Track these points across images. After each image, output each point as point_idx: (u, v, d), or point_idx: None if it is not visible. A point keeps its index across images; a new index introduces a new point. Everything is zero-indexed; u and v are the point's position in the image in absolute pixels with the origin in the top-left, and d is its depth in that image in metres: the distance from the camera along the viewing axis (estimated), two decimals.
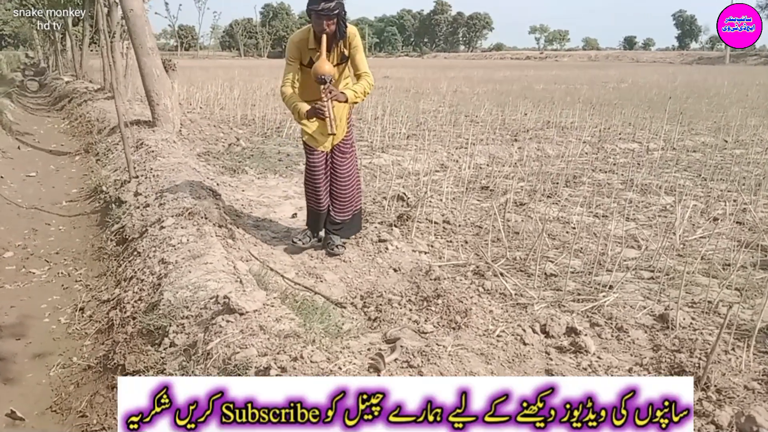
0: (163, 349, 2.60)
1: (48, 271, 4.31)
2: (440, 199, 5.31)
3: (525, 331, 2.87)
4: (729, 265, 3.78)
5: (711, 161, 7.37)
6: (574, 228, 4.61)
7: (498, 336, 2.85)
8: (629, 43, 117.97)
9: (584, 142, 8.42)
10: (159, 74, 8.05)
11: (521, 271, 3.74)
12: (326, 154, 3.90)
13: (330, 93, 3.52)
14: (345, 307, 3.19)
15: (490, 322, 2.99)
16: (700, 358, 2.55)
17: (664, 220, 4.84)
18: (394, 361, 2.43)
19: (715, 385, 2.35)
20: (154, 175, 5.53)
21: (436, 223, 4.60)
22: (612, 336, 2.89)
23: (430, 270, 3.57)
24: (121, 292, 3.52)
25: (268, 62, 44.29)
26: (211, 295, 2.76)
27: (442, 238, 4.37)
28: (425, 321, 2.95)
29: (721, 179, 6.35)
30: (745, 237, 4.32)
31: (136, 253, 3.92)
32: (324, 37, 3.53)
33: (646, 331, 2.93)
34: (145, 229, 4.21)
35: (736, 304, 3.14)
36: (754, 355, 2.63)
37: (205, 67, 28.86)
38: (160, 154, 6.42)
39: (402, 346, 2.53)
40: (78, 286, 4.04)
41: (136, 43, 7.99)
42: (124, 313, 3.19)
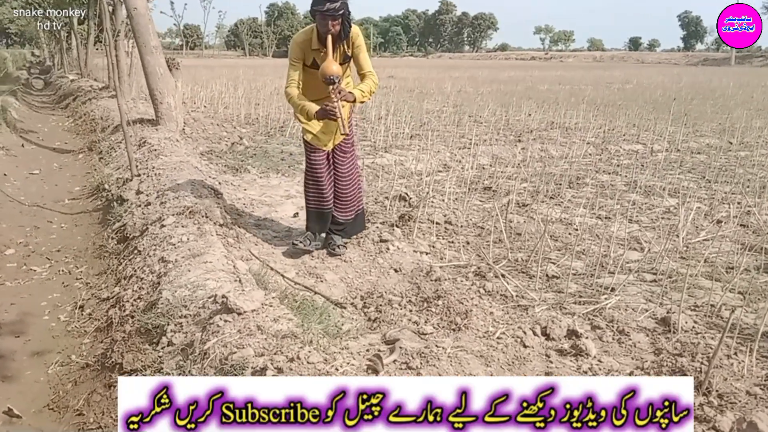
0: (161, 348, 2.59)
1: (49, 269, 4.31)
2: (442, 200, 5.29)
3: (525, 333, 2.84)
4: (732, 269, 3.75)
5: (715, 163, 7.32)
6: (576, 229, 4.59)
7: (498, 338, 2.82)
8: (634, 44, 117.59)
9: (588, 143, 8.39)
10: (162, 73, 8.06)
11: (523, 273, 3.72)
12: (327, 154, 3.88)
13: (339, 93, 3.51)
14: (345, 308, 3.18)
15: (490, 324, 2.97)
16: (701, 363, 2.53)
17: (668, 223, 4.81)
18: (393, 362, 2.41)
19: (717, 390, 2.33)
20: (156, 174, 5.53)
21: (438, 224, 4.58)
22: (613, 339, 2.87)
23: (431, 271, 3.55)
24: (120, 291, 3.51)
25: (273, 62, 44.33)
26: (210, 294, 2.75)
27: (443, 239, 4.35)
28: (425, 322, 2.93)
29: (726, 181, 6.31)
30: (749, 240, 4.29)
31: (136, 252, 3.92)
32: (329, 38, 3.51)
33: (647, 335, 2.91)
34: (145, 228, 4.20)
35: (739, 308, 3.11)
36: (756, 360, 2.60)
37: (210, 66, 28.89)
38: (163, 153, 6.42)
39: (401, 348, 2.51)
40: (78, 284, 4.04)
41: (139, 42, 8.00)
42: (123, 311, 3.18)
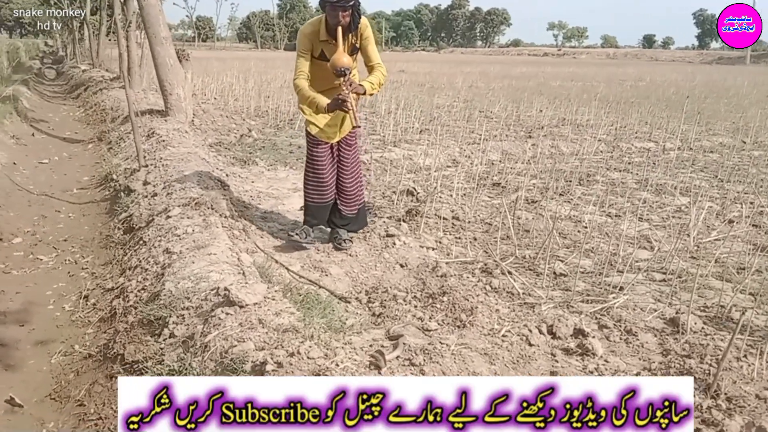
0: (163, 340, 2.57)
1: (55, 258, 4.32)
2: (450, 195, 5.25)
3: (531, 331, 2.81)
4: (743, 269, 3.69)
5: (728, 162, 7.23)
6: (585, 227, 4.54)
7: (503, 336, 2.79)
8: (648, 42, 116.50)
9: (599, 140, 8.31)
10: (172, 64, 8.06)
11: (530, 270, 3.68)
12: (331, 147, 3.84)
13: (351, 85, 3.47)
14: (349, 302, 3.15)
15: (495, 322, 2.93)
16: (710, 365, 2.48)
17: (678, 222, 4.74)
18: (396, 358, 2.38)
19: (726, 393, 2.28)
20: (163, 165, 5.52)
21: (446, 219, 4.54)
22: (620, 339, 2.82)
23: (437, 266, 3.51)
24: (125, 281, 3.51)
25: (285, 54, 44.28)
26: (213, 286, 2.73)
27: (450, 235, 4.31)
28: (430, 318, 2.90)
29: (738, 181, 6.22)
30: (761, 240, 4.21)
31: (141, 242, 3.91)
32: (339, 29, 3.48)
33: (655, 335, 2.86)
34: (151, 219, 4.20)
35: (750, 309, 3.05)
36: (767, 363, 2.55)
37: (222, 59, 28.90)
38: (171, 144, 6.41)
39: (404, 344, 2.48)
40: (84, 274, 4.04)
41: (149, 33, 8.01)
42: (127, 302, 3.18)
